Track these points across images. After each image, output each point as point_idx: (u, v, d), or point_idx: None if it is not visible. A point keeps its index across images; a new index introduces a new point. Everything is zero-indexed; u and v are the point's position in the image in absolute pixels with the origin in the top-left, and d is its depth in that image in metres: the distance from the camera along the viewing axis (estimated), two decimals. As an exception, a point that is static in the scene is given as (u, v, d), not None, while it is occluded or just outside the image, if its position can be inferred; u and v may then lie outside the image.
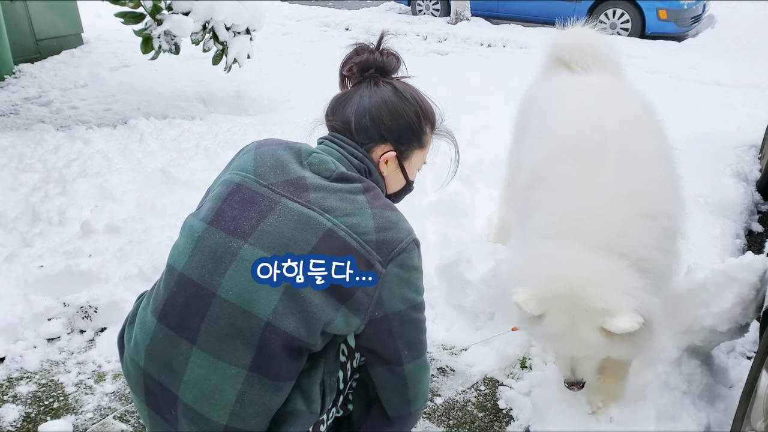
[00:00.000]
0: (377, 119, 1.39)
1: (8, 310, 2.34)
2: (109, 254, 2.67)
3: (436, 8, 10.26)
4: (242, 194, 1.26)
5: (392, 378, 1.36)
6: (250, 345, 1.19)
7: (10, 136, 4.12)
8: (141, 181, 3.38)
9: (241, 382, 1.19)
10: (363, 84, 1.43)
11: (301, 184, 1.26)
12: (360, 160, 1.37)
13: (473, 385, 2.16)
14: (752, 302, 1.83)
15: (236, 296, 1.19)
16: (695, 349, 1.98)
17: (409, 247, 1.26)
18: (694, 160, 3.98)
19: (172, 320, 1.24)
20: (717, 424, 1.87)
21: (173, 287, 1.26)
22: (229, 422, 1.21)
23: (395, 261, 1.24)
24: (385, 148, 1.41)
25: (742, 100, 5.73)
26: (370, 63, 1.43)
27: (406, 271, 1.27)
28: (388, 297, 1.25)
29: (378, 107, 1.39)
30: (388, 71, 1.46)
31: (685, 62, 7.16)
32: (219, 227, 1.24)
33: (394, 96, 1.41)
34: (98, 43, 7.23)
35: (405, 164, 1.47)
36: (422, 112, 1.44)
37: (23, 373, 2.17)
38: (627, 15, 8.66)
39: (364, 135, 1.39)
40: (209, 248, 1.23)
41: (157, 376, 1.26)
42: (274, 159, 1.31)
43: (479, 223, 2.99)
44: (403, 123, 1.41)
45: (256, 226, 1.22)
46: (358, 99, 1.41)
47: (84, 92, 5.46)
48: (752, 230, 3.35)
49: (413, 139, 1.44)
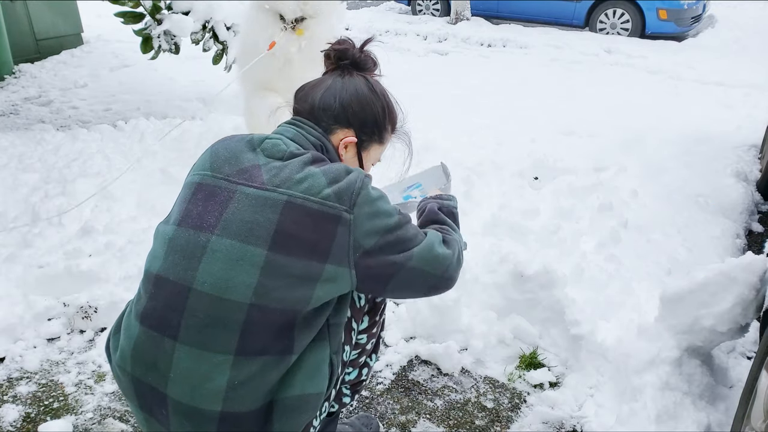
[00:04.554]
0: (346, 104, 1.42)
1: (8, 310, 2.34)
2: (109, 254, 2.67)
3: (436, 8, 10.26)
4: (203, 191, 1.31)
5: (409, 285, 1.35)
6: (233, 330, 1.20)
7: (10, 136, 4.12)
8: (141, 181, 3.38)
9: (229, 367, 1.21)
10: (336, 71, 1.48)
11: (255, 169, 1.29)
12: (317, 138, 1.40)
13: (473, 385, 2.16)
14: (752, 302, 1.83)
15: (212, 286, 1.21)
16: (695, 349, 1.98)
17: (363, 184, 1.29)
18: (694, 160, 3.99)
19: (154, 321, 1.26)
20: (717, 424, 1.87)
21: (152, 290, 1.29)
22: (224, 408, 1.21)
23: (357, 202, 1.27)
24: (348, 133, 1.44)
25: (742, 100, 5.73)
26: (347, 55, 1.49)
27: (371, 204, 1.29)
28: (362, 235, 1.27)
29: (349, 93, 1.43)
30: (361, 68, 1.50)
31: (686, 62, 7.16)
32: (187, 225, 1.28)
33: (365, 87, 1.46)
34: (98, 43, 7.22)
35: (363, 154, 1.50)
36: (388, 110, 1.50)
37: (23, 373, 2.17)
38: (627, 15, 8.67)
39: (330, 116, 1.42)
40: (180, 246, 1.27)
41: (145, 378, 1.27)
42: (227, 151, 1.35)
43: (480, 222, 2.99)
44: (370, 114, 1.45)
45: (220, 218, 1.25)
46: (329, 83, 1.45)
47: (84, 92, 5.46)
48: (752, 230, 3.35)
49: (375, 132, 1.48)
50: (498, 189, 3.48)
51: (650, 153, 4.12)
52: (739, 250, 3.01)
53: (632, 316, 2.29)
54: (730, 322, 1.86)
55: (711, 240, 3.03)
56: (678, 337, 1.97)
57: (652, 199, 3.42)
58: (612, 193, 3.35)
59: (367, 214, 1.28)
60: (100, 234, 2.80)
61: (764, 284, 1.83)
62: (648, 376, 1.95)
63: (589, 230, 2.96)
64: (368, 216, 1.28)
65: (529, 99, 5.57)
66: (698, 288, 1.92)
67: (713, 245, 2.98)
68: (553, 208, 3.17)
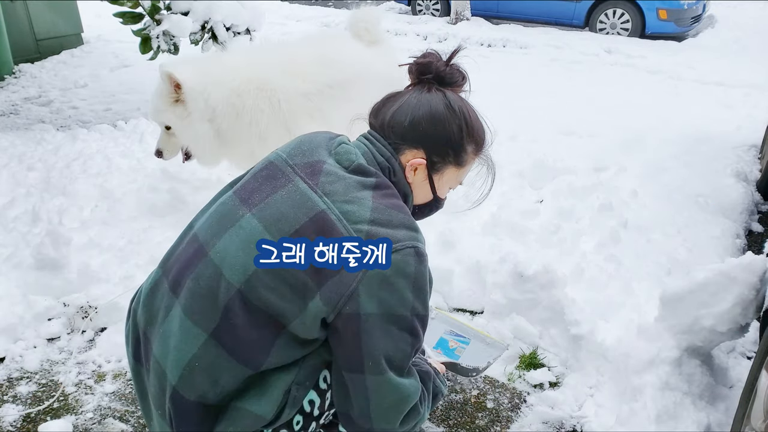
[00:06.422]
0: (416, 122, 1.33)
1: (8, 310, 2.34)
2: (109, 254, 2.68)
3: (436, 8, 10.26)
4: (269, 170, 1.32)
5: (352, 386, 1.24)
6: (217, 309, 1.20)
7: (10, 136, 4.12)
8: (141, 181, 3.38)
9: (198, 345, 1.20)
10: (416, 87, 1.39)
11: (318, 168, 1.28)
12: (386, 159, 1.33)
13: (473, 386, 2.16)
14: (752, 302, 1.83)
15: (221, 259, 1.22)
16: (695, 349, 1.98)
17: (405, 251, 1.18)
18: (694, 160, 3.99)
19: (170, 274, 1.30)
20: (717, 424, 1.87)
21: (183, 243, 1.33)
22: (177, 384, 1.22)
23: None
24: (417, 153, 1.35)
25: (742, 100, 5.73)
26: (431, 69, 1.38)
27: (394, 274, 1.17)
28: (364, 294, 1.16)
29: (422, 111, 1.33)
30: (447, 83, 1.39)
31: (686, 62, 7.16)
32: (238, 195, 1.30)
33: (442, 104, 1.34)
34: (98, 43, 7.22)
35: (435, 177, 1.39)
36: (467, 129, 1.36)
37: (23, 373, 2.17)
38: (627, 15, 8.67)
39: (399, 135, 1.34)
40: (221, 212, 1.29)
41: (143, 327, 1.31)
42: (309, 143, 1.35)
43: (480, 222, 2.99)
44: (442, 133, 1.34)
45: (264, 199, 1.26)
46: (405, 99, 1.36)
47: (84, 92, 5.46)
48: (752, 230, 3.35)
49: (449, 153, 1.36)
50: (498, 189, 3.47)
51: (650, 153, 4.12)
52: (739, 250, 3.01)
53: (632, 316, 2.29)
54: (730, 322, 1.86)
55: (711, 240, 3.03)
56: (678, 337, 1.97)
57: (652, 199, 3.42)
58: (612, 193, 3.35)
59: (383, 277, 1.16)
60: (100, 234, 2.80)
61: (764, 284, 1.83)
62: (648, 376, 1.95)
63: (589, 230, 2.96)
64: (382, 280, 1.16)
65: (529, 99, 5.56)
66: (698, 288, 1.92)
67: (713, 245, 2.98)
68: (553, 208, 3.17)
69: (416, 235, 1.23)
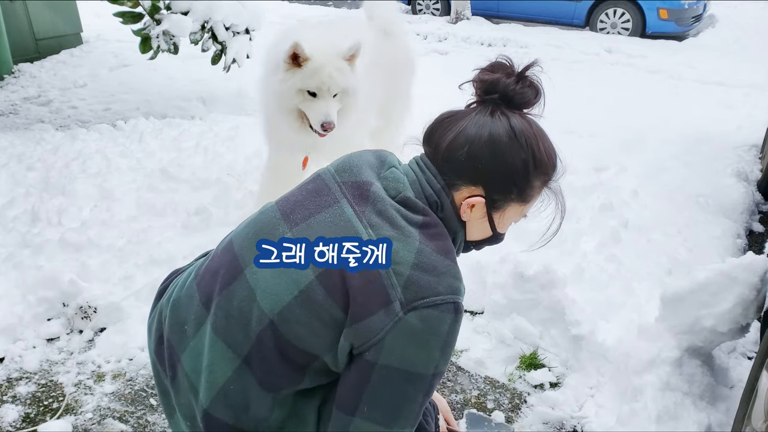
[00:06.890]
0: (474, 156, 1.16)
1: (8, 310, 2.33)
2: (109, 254, 2.67)
3: (436, 8, 10.25)
4: (315, 184, 1.25)
5: (336, 424, 1.17)
6: (249, 338, 1.17)
7: (9, 135, 4.11)
8: (141, 181, 3.38)
9: (233, 369, 1.17)
10: (479, 107, 1.22)
11: (365, 190, 1.17)
12: (436, 192, 1.19)
13: (473, 385, 2.16)
14: (753, 302, 1.83)
15: (255, 281, 1.17)
16: (696, 349, 1.98)
17: (444, 306, 1.08)
18: (694, 160, 3.99)
19: (203, 283, 1.25)
20: (718, 425, 1.87)
21: (219, 252, 1.28)
22: (209, 406, 1.19)
23: (419, 312, 1.07)
24: (474, 191, 1.20)
25: (742, 100, 5.73)
26: (498, 87, 1.20)
27: (428, 330, 1.07)
28: (389, 345, 1.07)
29: (481, 142, 1.16)
30: (516, 104, 1.21)
31: (686, 62, 7.16)
32: (280, 208, 1.24)
33: (506, 135, 1.16)
34: (98, 43, 7.21)
35: (495, 215, 1.24)
36: (534, 162, 1.19)
37: (23, 373, 2.17)
38: (627, 14, 8.67)
39: (452, 169, 1.19)
40: (261, 223, 1.24)
41: (168, 332, 1.28)
42: (359, 159, 1.26)
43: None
44: (504, 170, 1.18)
45: (307, 218, 1.19)
46: (464, 125, 1.19)
47: (83, 92, 5.45)
48: (753, 230, 3.34)
49: (512, 190, 1.21)
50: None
51: (651, 153, 4.11)
52: (739, 250, 3.01)
53: (633, 317, 2.29)
54: (731, 322, 1.86)
55: (712, 240, 3.03)
56: (678, 337, 1.97)
57: (653, 199, 3.41)
58: (612, 193, 3.34)
59: (415, 332, 1.07)
60: (99, 234, 2.79)
61: (765, 284, 1.83)
62: (648, 376, 1.95)
63: (589, 230, 2.96)
64: (413, 335, 1.07)
65: (529, 99, 5.56)
66: (699, 288, 1.92)
67: (714, 245, 2.98)
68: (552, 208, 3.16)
69: (459, 287, 1.13)
